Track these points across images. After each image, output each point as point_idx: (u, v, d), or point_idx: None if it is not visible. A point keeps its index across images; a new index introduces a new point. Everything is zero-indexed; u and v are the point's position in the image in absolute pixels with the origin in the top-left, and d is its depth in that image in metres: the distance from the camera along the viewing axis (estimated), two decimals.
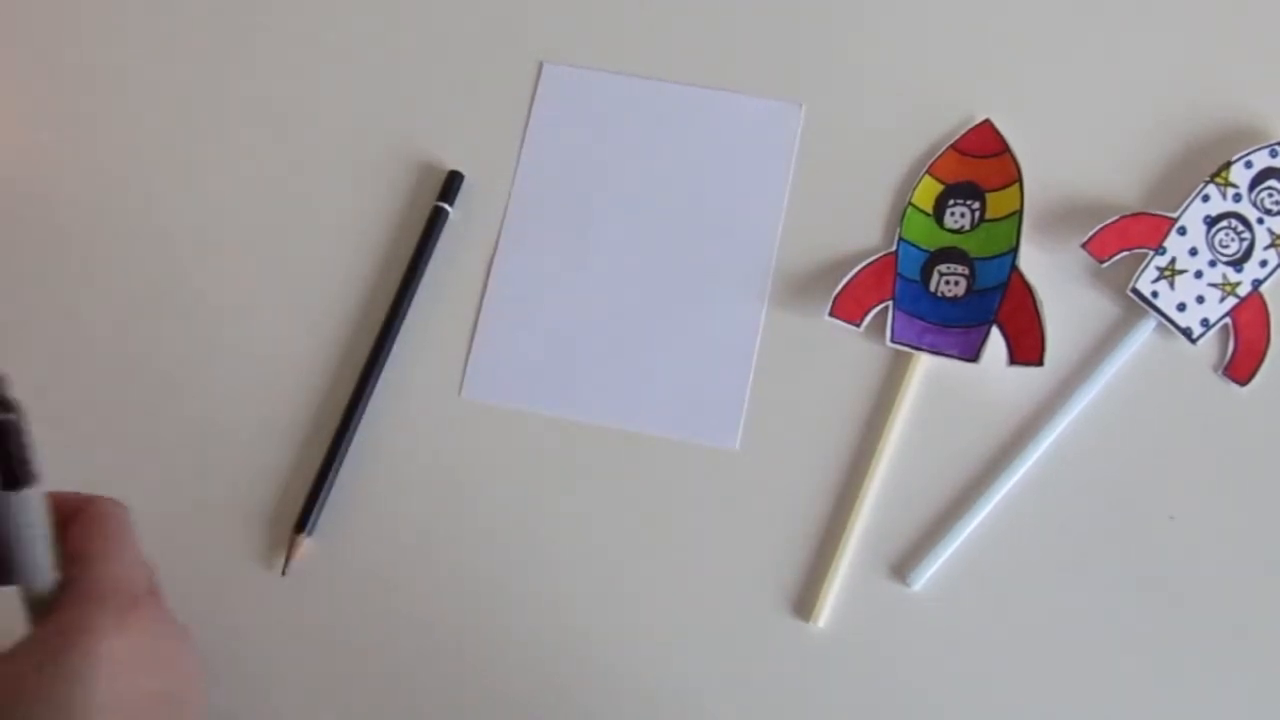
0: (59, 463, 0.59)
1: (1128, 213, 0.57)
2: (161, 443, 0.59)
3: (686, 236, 0.60)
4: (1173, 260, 0.57)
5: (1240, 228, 0.57)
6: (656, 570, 0.56)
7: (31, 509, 0.41)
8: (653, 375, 0.58)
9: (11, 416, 0.40)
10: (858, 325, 0.58)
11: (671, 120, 0.61)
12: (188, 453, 0.59)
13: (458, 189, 0.61)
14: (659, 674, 0.55)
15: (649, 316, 0.59)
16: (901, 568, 0.56)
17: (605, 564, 0.56)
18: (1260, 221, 0.57)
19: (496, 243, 0.61)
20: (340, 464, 0.58)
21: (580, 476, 0.58)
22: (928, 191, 0.59)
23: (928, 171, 0.59)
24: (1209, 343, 0.57)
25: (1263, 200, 0.57)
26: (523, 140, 0.62)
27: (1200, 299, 0.57)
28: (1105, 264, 0.57)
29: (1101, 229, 0.57)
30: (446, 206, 0.60)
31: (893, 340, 0.57)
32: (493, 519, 0.57)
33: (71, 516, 0.43)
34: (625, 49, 0.62)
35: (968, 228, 0.58)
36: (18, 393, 0.60)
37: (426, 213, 0.60)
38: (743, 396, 0.58)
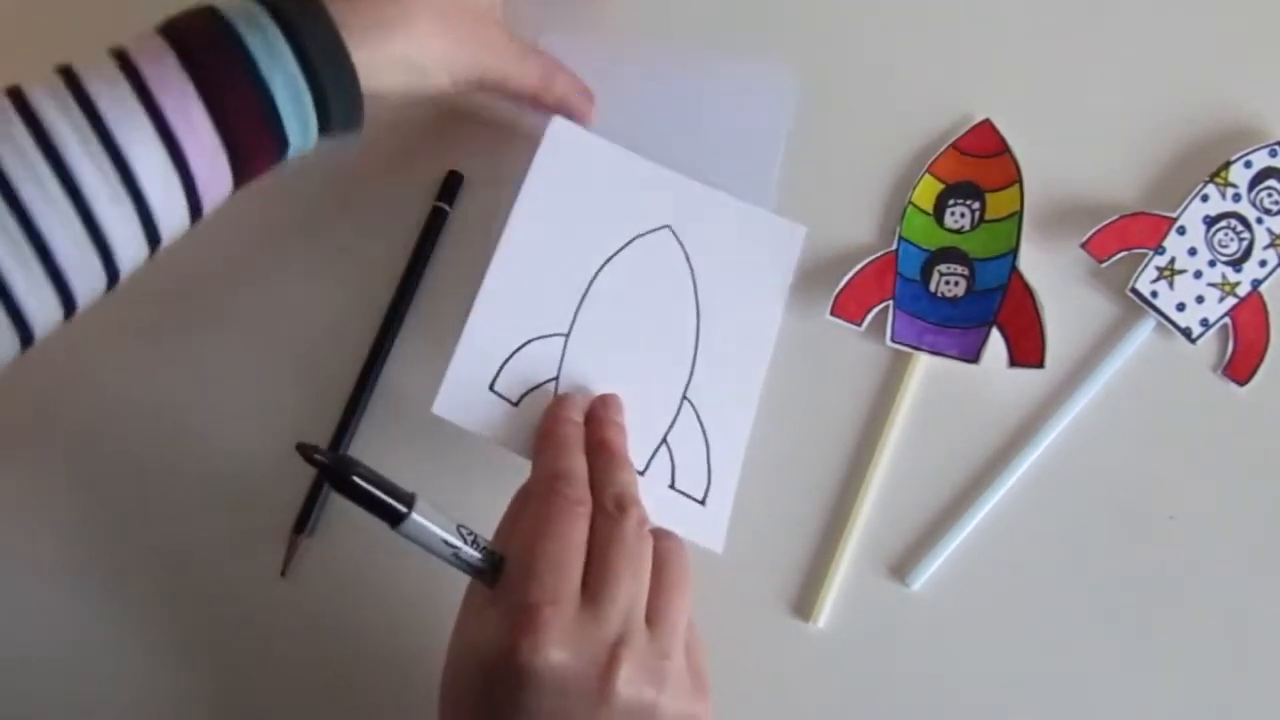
0: (60, 462, 0.59)
1: (1127, 213, 0.57)
2: (160, 444, 0.59)
3: (690, 301, 0.58)
4: (1172, 260, 0.57)
5: (1239, 227, 0.57)
6: None
7: (420, 528, 0.46)
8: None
9: (359, 477, 0.45)
10: (858, 325, 0.58)
11: (670, 121, 0.61)
12: (186, 453, 0.59)
13: (456, 189, 0.61)
14: None
15: (647, 367, 0.57)
16: (901, 568, 0.56)
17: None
18: (1259, 221, 0.57)
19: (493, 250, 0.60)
20: None
21: None
22: (928, 191, 0.59)
23: (928, 171, 0.59)
24: (1208, 342, 0.57)
25: (1262, 200, 0.57)
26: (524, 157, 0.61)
27: (1200, 299, 0.57)
28: (1105, 264, 0.57)
29: (1101, 229, 0.57)
30: (445, 206, 0.60)
31: (893, 340, 0.57)
32: (492, 517, 0.57)
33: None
34: (623, 32, 0.62)
35: (968, 228, 0.58)
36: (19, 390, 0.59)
37: (425, 215, 0.60)
38: (740, 457, 0.57)
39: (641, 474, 0.55)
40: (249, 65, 0.46)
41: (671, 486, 0.55)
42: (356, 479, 0.44)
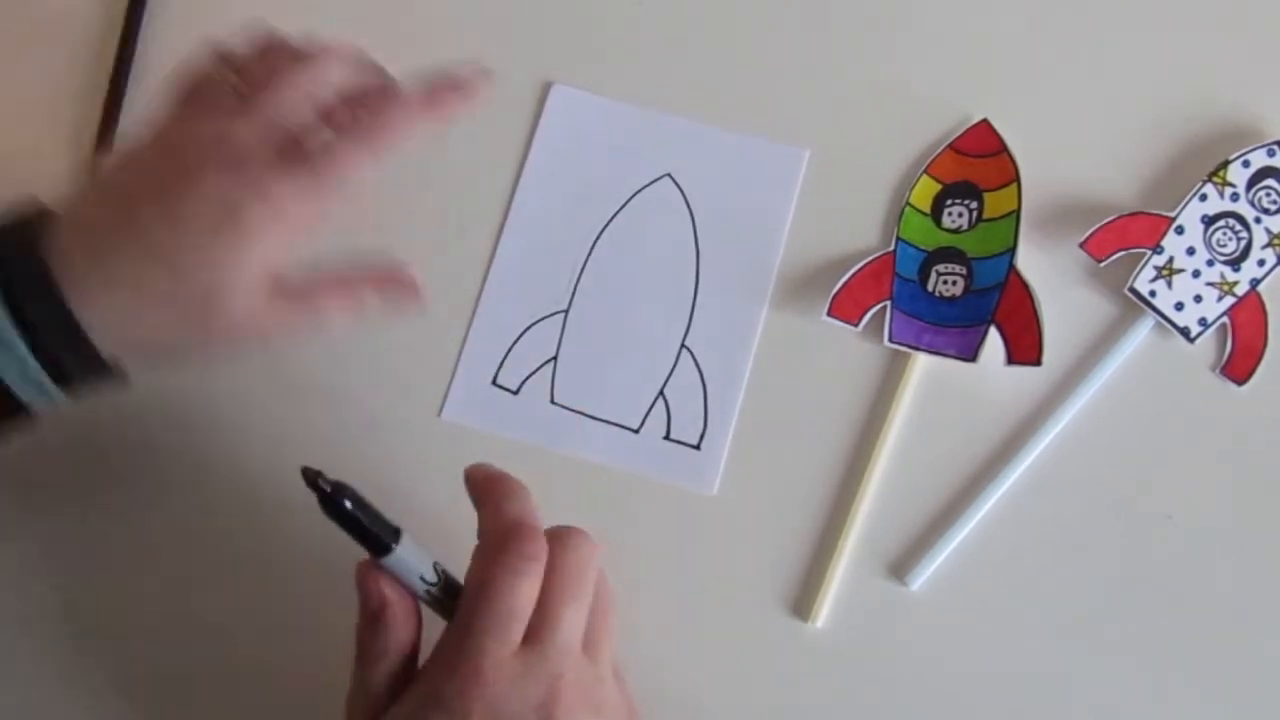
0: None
1: (1125, 212, 0.57)
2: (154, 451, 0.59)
3: (689, 245, 0.60)
4: (1170, 259, 0.57)
5: (1238, 227, 0.57)
6: (654, 570, 0.56)
7: (401, 564, 0.46)
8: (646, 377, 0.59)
9: (349, 506, 0.45)
10: (856, 325, 0.58)
11: (675, 134, 0.61)
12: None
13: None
14: (657, 673, 0.55)
15: (646, 324, 0.59)
16: (900, 567, 0.56)
17: (603, 563, 0.56)
18: (1258, 221, 0.57)
19: (492, 257, 0.60)
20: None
21: (575, 473, 0.57)
22: (925, 191, 0.59)
23: (925, 171, 0.59)
24: (1207, 342, 0.57)
25: (1260, 199, 0.57)
26: (525, 156, 0.62)
27: (1198, 298, 0.57)
28: (1103, 263, 0.57)
29: (1099, 228, 0.57)
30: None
31: (891, 340, 0.57)
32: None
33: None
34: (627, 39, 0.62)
35: (966, 227, 0.58)
36: None
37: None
38: (739, 396, 0.58)
39: (636, 432, 0.57)
40: None
41: (666, 438, 0.57)
42: (348, 504, 0.45)
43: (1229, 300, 0.57)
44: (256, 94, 0.49)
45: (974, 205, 0.59)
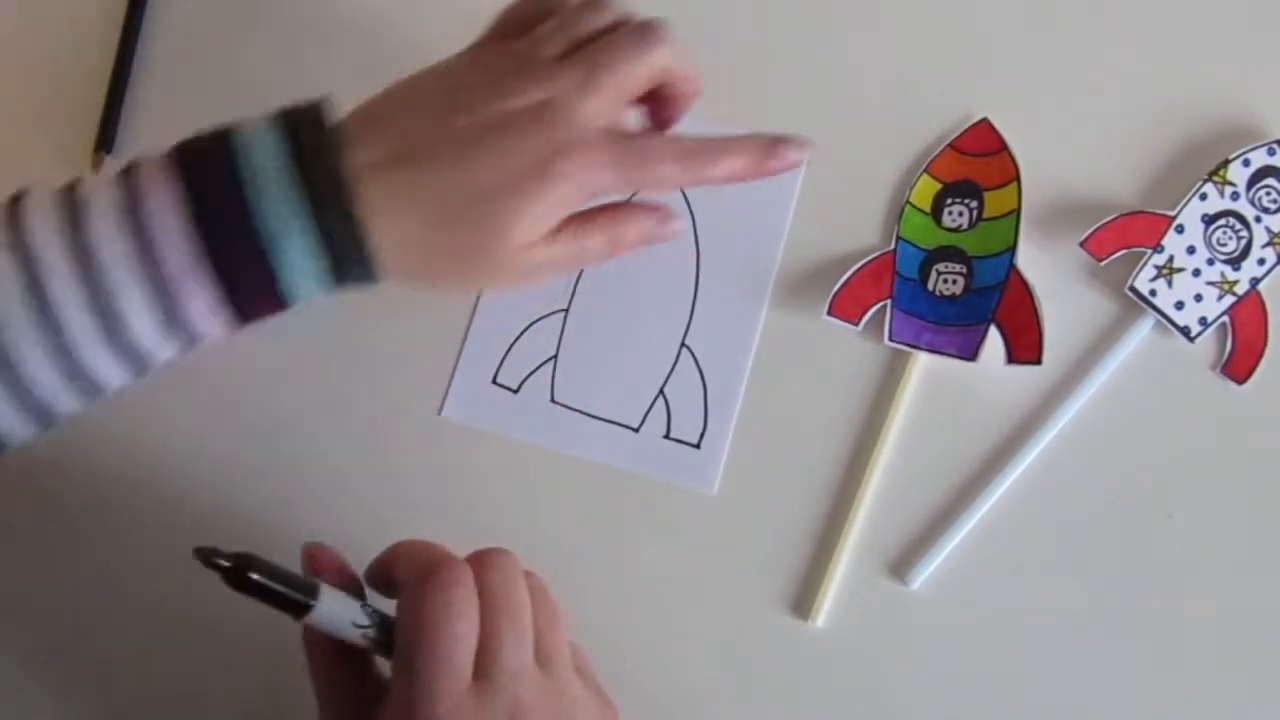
0: None
1: (1126, 211, 0.57)
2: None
3: (690, 244, 0.60)
4: (1170, 259, 0.57)
5: (1238, 226, 0.57)
6: (654, 569, 0.56)
7: (327, 618, 0.44)
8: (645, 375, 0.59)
9: (255, 577, 0.42)
10: (856, 324, 0.58)
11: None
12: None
13: None
14: (657, 673, 0.55)
15: (646, 323, 0.59)
16: (900, 567, 0.56)
17: (602, 562, 0.56)
18: (1258, 220, 0.57)
19: None
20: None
21: (575, 473, 0.57)
22: (926, 190, 0.59)
23: (926, 170, 0.59)
24: (1207, 341, 0.57)
25: (1260, 198, 0.57)
26: None
27: (1198, 297, 0.57)
28: (1103, 262, 0.57)
29: (1099, 227, 0.57)
30: None
31: (891, 339, 0.57)
32: (492, 512, 0.57)
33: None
34: None
35: (966, 226, 0.58)
36: None
37: None
38: (739, 395, 0.58)
39: (636, 431, 0.57)
40: (264, 241, 0.44)
41: (666, 436, 0.57)
42: (253, 575, 0.42)
43: (1229, 299, 0.57)
44: (589, 57, 0.48)
45: (974, 204, 0.59)
